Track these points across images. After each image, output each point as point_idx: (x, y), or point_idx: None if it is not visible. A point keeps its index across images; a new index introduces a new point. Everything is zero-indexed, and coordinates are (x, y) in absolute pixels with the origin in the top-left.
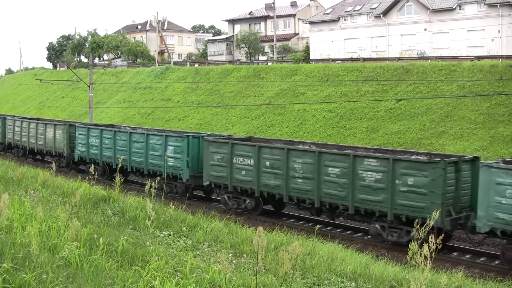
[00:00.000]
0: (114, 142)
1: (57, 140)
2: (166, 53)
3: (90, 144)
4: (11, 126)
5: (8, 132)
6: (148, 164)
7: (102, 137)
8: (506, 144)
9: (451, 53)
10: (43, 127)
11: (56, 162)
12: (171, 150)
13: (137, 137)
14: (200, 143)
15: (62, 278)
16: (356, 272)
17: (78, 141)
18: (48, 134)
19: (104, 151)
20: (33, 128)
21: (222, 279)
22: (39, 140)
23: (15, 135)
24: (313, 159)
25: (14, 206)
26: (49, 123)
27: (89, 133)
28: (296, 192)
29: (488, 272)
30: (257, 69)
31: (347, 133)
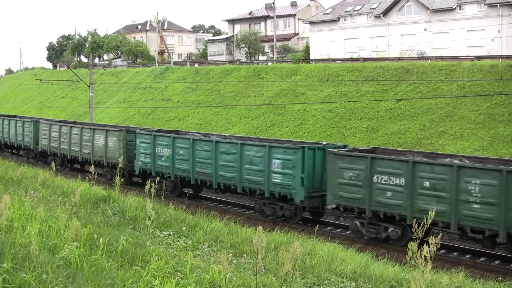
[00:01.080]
0: (193, 153)
1: (109, 148)
2: (166, 53)
3: (157, 154)
4: (46, 131)
5: (42, 138)
6: (243, 180)
7: (175, 146)
8: (506, 144)
9: (451, 53)
10: (90, 133)
11: (108, 173)
12: (277, 164)
13: (226, 148)
14: (317, 155)
15: (62, 278)
16: (356, 272)
17: (139, 151)
18: (97, 142)
19: (177, 163)
20: (76, 134)
21: (222, 279)
22: (85, 148)
23: (51, 142)
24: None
25: (14, 206)
26: (98, 129)
27: (155, 141)
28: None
29: (488, 272)
30: (257, 69)
31: (347, 133)
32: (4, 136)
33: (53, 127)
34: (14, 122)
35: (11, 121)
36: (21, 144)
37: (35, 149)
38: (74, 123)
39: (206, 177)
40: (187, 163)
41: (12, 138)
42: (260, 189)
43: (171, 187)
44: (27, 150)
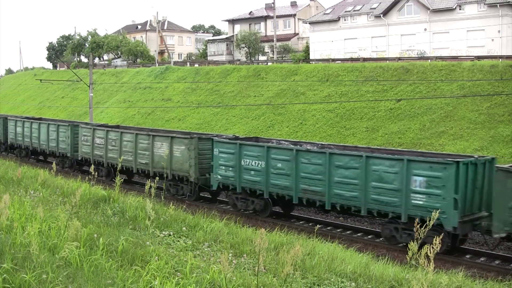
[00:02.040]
0: (296, 167)
1: (176, 159)
2: (166, 53)
3: (243, 167)
4: (88, 136)
5: (83, 145)
6: (369, 201)
7: (269, 158)
8: (506, 144)
9: (451, 53)
10: (148, 140)
11: (171, 187)
12: (419, 183)
13: (345, 161)
14: (469, 171)
15: (62, 278)
16: (356, 272)
17: (218, 162)
18: (158, 150)
19: (273, 179)
20: (129, 141)
21: (222, 279)
22: (141, 157)
23: (95, 149)
24: None
25: (14, 206)
26: (160, 136)
27: (241, 151)
28: None
29: (488, 272)
30: (257, 69)
31: (347, 133)
32: (33, 141)
33: (98, 133)
34: (45, 126)
35: (42, 124)
36: (54, 151)
37: (73, 157)
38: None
39: (315, 196)
40: (288, 178)
41: (43, 144)
42: (394, 212)
43: (261, 206)
44: (61, 158)
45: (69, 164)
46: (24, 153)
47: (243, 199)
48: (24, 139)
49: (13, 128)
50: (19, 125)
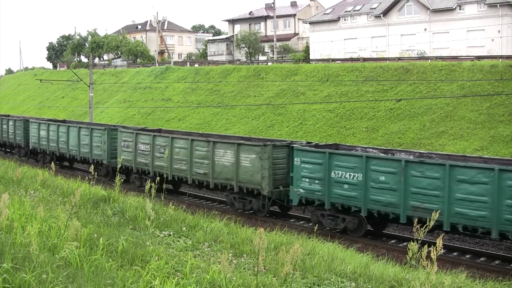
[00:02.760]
0: (406, 180)
1: (244, 169)
2: (166, 53)
3: (333, 180)
4: (130, 142)
5: (123, 151)
6: (503, 221)
7: (368, 170)
8: (506, 144)
9: (451, 53)
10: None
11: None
12: None
13: None
14: None
15: (62, 278)
16: (356, 272)
17: (300, 173)
18: (220, 159)
19: (374, 194)
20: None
21: (222, 279)
22: (198, 166)
23: (138, 156)
24: None
25: (14, 206)
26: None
27: (331, 161)
28: None
29: (488, 272)
30: (257, 69)
31: (347, 133)
32: (60, 146)
33: (142, 138)
34: (75, 129)
35: (71, 128)
36: (87, 157)
37: (109, 164)
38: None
39: (428, 215)
40: (393, 194)
41: (73, 150)
42: None
43: (354, 224)
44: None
45: (105, 172)
46: (48, 159)
47: (331, 216)
48: (50, 143)
49: (35, 132)
50: (43, 128)
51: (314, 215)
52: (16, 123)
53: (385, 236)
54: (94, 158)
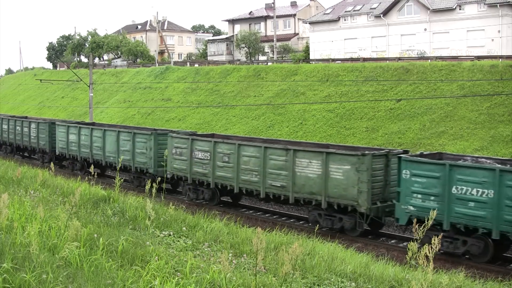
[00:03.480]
0: None
1: (335, 182)
2: (166, 53)
3: (455, 196)
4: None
5: (174, 159)
6: None
7: (502, 185)
8: (506, 144)
9: (451, 53)
10: (286, 157)
11: (324, 219)
12: None
13: None
14: None
15: (62, 278)
16: (356, 272)
17: (411, 188)
18: (303, 170)
19: None
20: (252, 157)
21: (222, 279)
22: (274, 178)
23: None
24: None
25: (14, 206)
26: (306, 151)
27: (452, 174)
28: None
29: (488, 272)
30: (257, 69)
31: (347, 133)
32: (94, 152)
33: (199, 144)
34: (113, 134)
35: (108, 132)
36: (128, 164)
37: (156, 174)
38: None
39: None
40: None
41: (110, 156)
42: None
43: (479, 248)
44: (137, 174)
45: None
46: (78, 165)
47: (449, 238)
48: (81, 149)
49: (63, 136)
50: (73, 131)
51: (427, 237)
52: (40, 126)
53: (385, 236)
54: (137, 167)
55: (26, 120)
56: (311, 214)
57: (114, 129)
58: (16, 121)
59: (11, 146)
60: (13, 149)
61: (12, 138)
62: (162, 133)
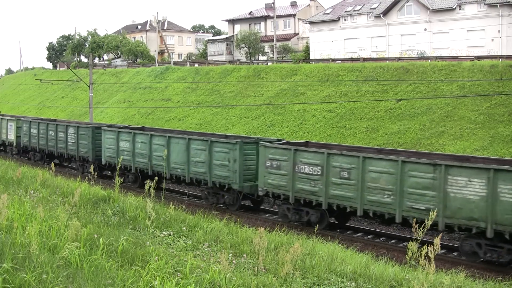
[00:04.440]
0: None
1: (507, 205)
2: (166, 53)
3: None
4: (283, 161)
5: (269, 174)
6: None
7: None
8: (506, 144)
9: (451, 53)
10: (434, 174)
11: (488, 250)
12: None
13: None
14: None
15: (62, 278)
16: (356, 272)
17: None
18: (460, 191)
19: None
20: (383, 173)
21: (222, 279)
22: (416, 200)
23: (298, 182)
24: None
25: (14, 206)
26: (464, 167)
27: None
28: None
29: (488, 272)
30: (257, 69)
31: (347, 133)
32: (154, 163)
33: (304, 156)
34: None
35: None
36: (201, 178)
37: (241, 189)
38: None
39: None
40: None
41: (179, 169)
42: None
43: None
44: (217, 189)
45: (231, 198)
46: (131, 177)
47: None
48: (136, 158)
49: (112, 143)
50: (125, 138)
51: None
52: (81, 131)
53: (385, 236)
54: (215, 181)
55: (62, 123)
56: (464, 243)
57: (183, 136)
58: (48, 125)
59: (41, 153)
60: (43, 156)
61: (43, 144)
62: (249, 142)
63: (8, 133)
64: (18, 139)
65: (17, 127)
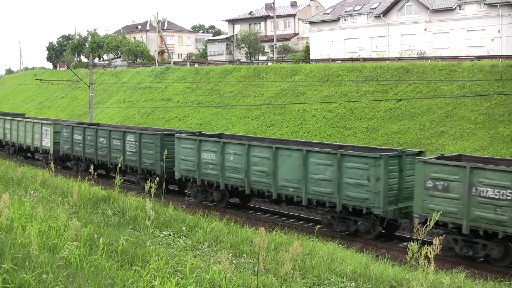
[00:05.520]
0: None
1: None
2: (166, 53)
3: None
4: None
5: (480, 204)
6: None
7: None
8: (506, 144)
9: (451, 53)
10: None
11: None
12: None
13: None
14: None
15: (62, 278)
16: (356, 272)
17: None
18: None
19: None
20: None
21: (222, 279)
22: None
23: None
24: None
25: (14, 206)
26: None
27: None
28: None
29: (488, 272)
30: (257, 69)
31: (347, 133)
32: (254, 179)
33: (489, 176)
34: (297, 154)
35: (284, 151)
36: (325, 200)
37: (385, 215)
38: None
39: None
40: None
41: (290, 187)
42: None
43: None
44: (344, 214)
45: (367, 225)
46: (217, 196)
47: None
48: (226, 173)
49: (192, 153)
50: (209, 148)
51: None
52: (145, 139)
53: (385, 236)
54: (346, 203)
55: (117, 129)
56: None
57: (296, 148)
58: (98, 131)
59: (87, 162)
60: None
61: (91, 153)
62: (393, 156)
63: (42, 139)
64: (56, 146)
65: (55, 132)
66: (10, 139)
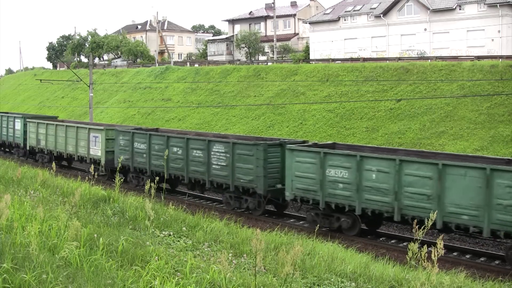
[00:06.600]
0: None
1: None
2: (166, 53)
3: None
4: None
5: None
6: None
7: None
8: (506, 144)
9: (451, 53)
10: None
11: None
12: None
13: None
14: None
15: (62, 278)
16: (356, 272)
17: None
18: None
19: None
20: None
21: (222, 279)
22: None
23: None
24: None
25: (14, 206)
26: None
27: None
28: None
29: (488, 272)
30: (257, 69)
31: (347, 133)
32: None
33: None
34: (463, 174)
35: (452, 169)
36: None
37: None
38: None
39: None
40: None
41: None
42: None
43: None
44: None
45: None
46: (349, 222)
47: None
48: (365, 195)
49: (312, 169)
50: (338, 164)
51: None
52: (239, 150)
53: (385, 236)
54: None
55: (197, 138)
56: None
57: (476, 166)
58: (169, 139)
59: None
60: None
61: (158, 165)
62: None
63: (90, 147)
64: (109, 156)
65: (107, 139)
66: (46, 146)
